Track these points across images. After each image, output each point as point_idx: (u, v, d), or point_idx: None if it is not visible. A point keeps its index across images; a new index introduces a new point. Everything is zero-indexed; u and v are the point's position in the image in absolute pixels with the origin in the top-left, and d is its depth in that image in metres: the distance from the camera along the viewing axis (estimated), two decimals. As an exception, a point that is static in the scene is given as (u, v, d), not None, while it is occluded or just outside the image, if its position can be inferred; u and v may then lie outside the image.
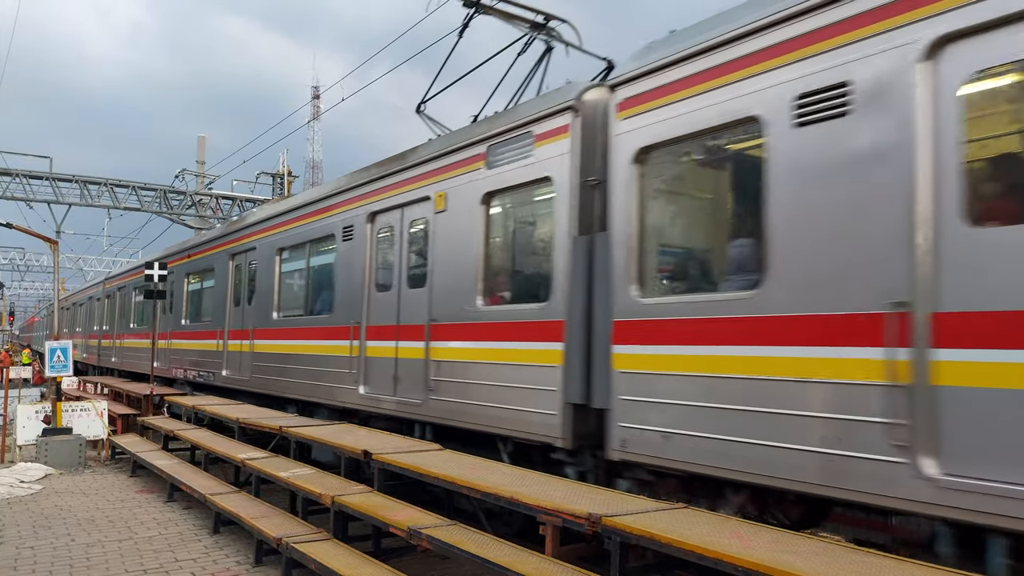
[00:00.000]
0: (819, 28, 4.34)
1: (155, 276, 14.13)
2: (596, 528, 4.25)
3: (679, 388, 4.95)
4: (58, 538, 7.60)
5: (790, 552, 3.61)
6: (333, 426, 8.47)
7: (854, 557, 3.58)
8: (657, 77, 5.33)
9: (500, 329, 6.60)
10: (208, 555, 7.04)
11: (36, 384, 31.26)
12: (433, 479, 5.70)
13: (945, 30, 3.78)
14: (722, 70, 4.88)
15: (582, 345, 5.79)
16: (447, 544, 4.89)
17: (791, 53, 4.48)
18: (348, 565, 5.37)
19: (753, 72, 4.68)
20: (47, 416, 12.36)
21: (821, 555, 3.58)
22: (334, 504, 6.17)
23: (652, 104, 5.35)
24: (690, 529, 4.02)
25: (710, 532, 3.97)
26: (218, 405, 11.15)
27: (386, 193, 8.55)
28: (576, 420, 5.78)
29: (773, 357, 4.43)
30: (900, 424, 3.82)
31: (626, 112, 5.55)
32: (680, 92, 5.15)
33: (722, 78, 4.87)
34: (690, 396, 4.88)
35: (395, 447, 6.81)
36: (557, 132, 6.17)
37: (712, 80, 4.94)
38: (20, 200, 24.91)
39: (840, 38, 4.24)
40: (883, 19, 4.07)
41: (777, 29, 4.56)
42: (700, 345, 4.86)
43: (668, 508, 4.58)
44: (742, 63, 4.76)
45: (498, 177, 6.80)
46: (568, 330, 5.86)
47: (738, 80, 4.77)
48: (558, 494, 4.89)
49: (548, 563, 4.47)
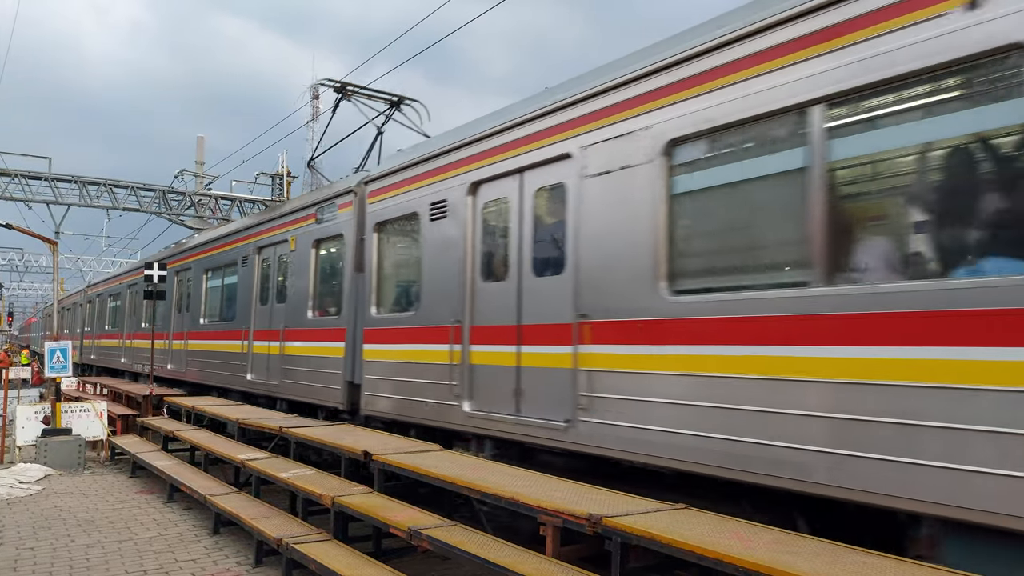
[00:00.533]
0: (441, 166, 7.55)
1: (154, 276, 14.13)
2: (597, 529, 4.25)
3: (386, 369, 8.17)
4: (58, 539, 7.60)
5: (791, 552, 3.61)
6: (333, 427, 8.46)
7: (855, 558, 3.58)
8: (378, 182, 8.67)
9: (320, 333, 9.72)
10: (208, 556, 7.04)
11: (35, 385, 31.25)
12: (433, 479, 5.70)
13: (475, 179, 6.97)
14: (403, 184, 8.17)
15: (352, 344, 8.85)
16: (447, 545, 4.89)
17: (427, 179, 7.74)
18: (348, 566, 5.38)
19: (418, 185, 7.88)
20: (46, 417, 12.35)
21: (822, 555, 3.58)
22: (334, 505, 6.17)
23: (379, 196, 8.65)
24: (690, 529, 4.02)
25: (710, 532, 3.97)
26: (217, 406, 11.14)
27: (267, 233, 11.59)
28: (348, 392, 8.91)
29: (428, 351, 7.51)
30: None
31: (371, 199, 8.80)
32: (388, 192, 8.48)
33: (402, 188, 8.18)
34: (388, 373, 8.11)
35: (395, 447, 6.81)
36: (346, 205, 9.31)
37: (400, 188, 8.25)
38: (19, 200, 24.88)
39: (446, 174, 7.45)
40: (456, 169, 7.31)
41: (427, 162, 7.76)
42: (394, 344, 8.09)
43: (669, 508, 4.58)
44: (412, 181, 8.01)
45: (322, 229, 9.90)
46: (348, 335, 8.93)
47: (410, 190, 8.02)
48: (559, 495, 4.89)
49: (549, 563, 4.47)
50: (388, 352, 8.17)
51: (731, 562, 3.53)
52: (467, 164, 7.18)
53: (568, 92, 6.05)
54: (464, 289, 7.07)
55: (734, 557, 3.53)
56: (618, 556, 4.20)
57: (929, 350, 3.68)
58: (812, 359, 4.14)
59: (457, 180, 7.26)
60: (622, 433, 5.24)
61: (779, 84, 4.44)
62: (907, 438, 3.72)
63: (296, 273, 10.37)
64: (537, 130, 6.31)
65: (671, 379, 4.94)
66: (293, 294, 10.45)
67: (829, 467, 4.00)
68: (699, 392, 4.72)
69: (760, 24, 4.57)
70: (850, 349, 3.98)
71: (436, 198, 7.53)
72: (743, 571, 3.47)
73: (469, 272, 7.05)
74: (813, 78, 4.27)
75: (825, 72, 4.20)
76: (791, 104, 4.37)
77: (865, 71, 4.02)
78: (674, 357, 4.93)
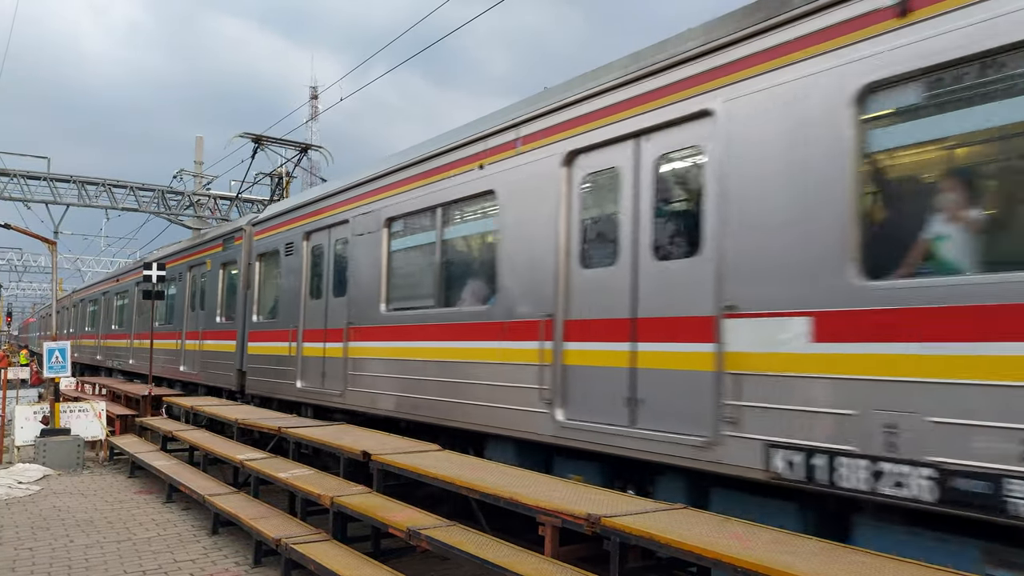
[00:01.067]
0: (291, 219, 11.07)
1: (153, 276, 14.15)
2: (595, 529, 4.25)
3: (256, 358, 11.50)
4: (56, 539, 7.60)
5: (789, 552, 3.61)
6: (332, 427, 8.47)
7: (853, 557, 3.59)
8: (260, 224, 12.02)
9: (224, 334, 13.07)
10: (207, 556, 7.04)
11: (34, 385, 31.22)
12: (432, 480, 5.70)
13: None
14: (271, 228, 11.59)
15: (241, 342, 12.16)
16: (446, 545, 4.89)
17: (282, 227, 11.30)
18: (347, 566, 5.38)
19: (278, 230, 11.33)
20: (45, 417, 12.35)
21: (820, 555, 3.59)
22: (333, 505, 6.17)
23: (262, 234, 11.88)
24: (689, 529, 4.03)
25: (709, 532, 3.97)
26: (216, 406, 11.15)
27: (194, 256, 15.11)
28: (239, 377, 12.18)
29: (280, 346, 10.79)
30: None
31: (256, 236, 12.08)
32: (264, 232, 11.80)
33: (270, 231, 11.59)
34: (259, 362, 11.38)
35: (394, 448, 6.81)
36: (239, 238, 12.68)
37: (269, 231, 11.60)
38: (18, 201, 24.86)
39: (293, 224, 10.87)
40: (297, 222, 10.76)
41: (280, 216, 11.46)
42: (266, 342, 11.34)
43: (667, 508, 4.58)
44: (274, 227, 11.45)
45: (226, 255, 13.12)
46: (238, 335, 12.22)
47: (273, 233, 11.51)
48: (557, 495, 4.89)
49: (547, 563, 4.47)
50: (261, 347, 11.42)
51: (729, 562, 3.54)
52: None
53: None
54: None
55: (732, 557, 3.53)
56: (617, 556, 4.20)
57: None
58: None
59: (299, 229, 10.41)
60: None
61: None
62: (472, 391, 6.65)
63: (209, 288, 13.77)
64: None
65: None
66: (208, 304, 13.81)
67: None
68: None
69: None
70: None
71: (288, 240, 10.76)
72: (741, 571, 3.48)
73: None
74: None
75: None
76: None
77: None
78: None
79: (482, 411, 6.59)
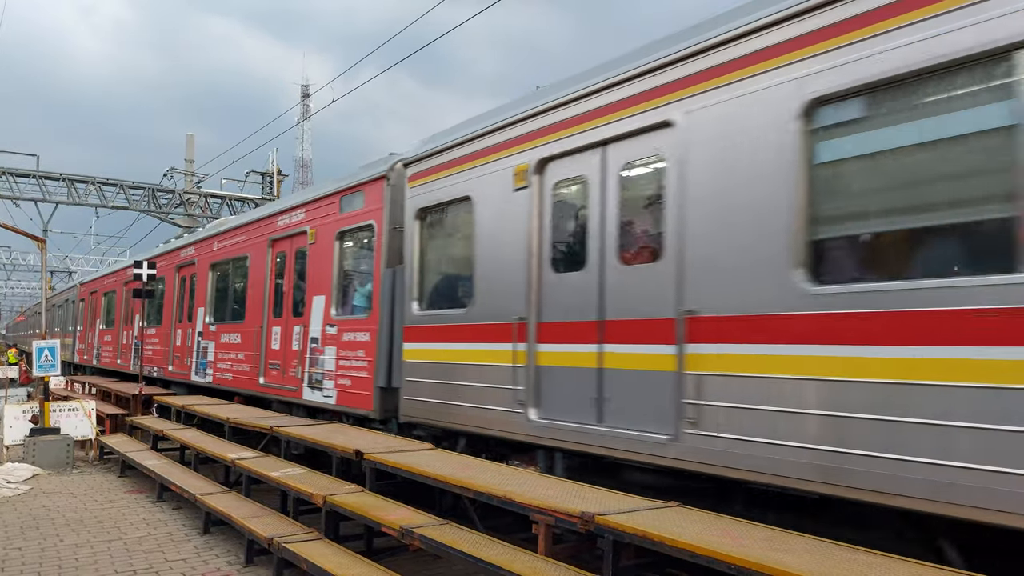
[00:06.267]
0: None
1: (143, 275, 14.10)
2: (589, 527, 4.25)
3: None
4: (46, 539, 7.55)
5: (782, 550, 3.62)
6: (324, 425, 8.44)
7: (846, 555, 3.60)
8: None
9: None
10: (198, 555, 7.01)
11: (23, 384, 31.02)
12: (425, 478, 5.70)
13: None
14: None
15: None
16: (439, 544, 4.88)
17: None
18: (340, 565, 5.36)
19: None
20: (35, 416, 12.27)
21: (813, 553, 3.60)
22: (326, 504, 6.15)
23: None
24: (682, 527, 4.03)
25: (703, 531, 3.98)
26: (208, 405, 11.09)
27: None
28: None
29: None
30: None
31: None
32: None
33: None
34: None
35: (386, 446, 6.80)
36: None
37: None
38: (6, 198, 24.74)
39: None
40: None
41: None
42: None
43: (661, 507, 4.59)
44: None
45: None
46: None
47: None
48: (551, 493, 4.89)
49: (541, 562, 4.47)
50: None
51: (723, 559, 3.54)
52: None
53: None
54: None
55: (726, 555, 3.54)
56: (610, 554, 4.21)
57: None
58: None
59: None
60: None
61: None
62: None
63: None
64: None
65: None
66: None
67: None
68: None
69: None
70: None
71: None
72: (735, 568, 3.48)
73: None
74: None
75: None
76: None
77: None
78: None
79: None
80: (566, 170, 5.92)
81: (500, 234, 6.48)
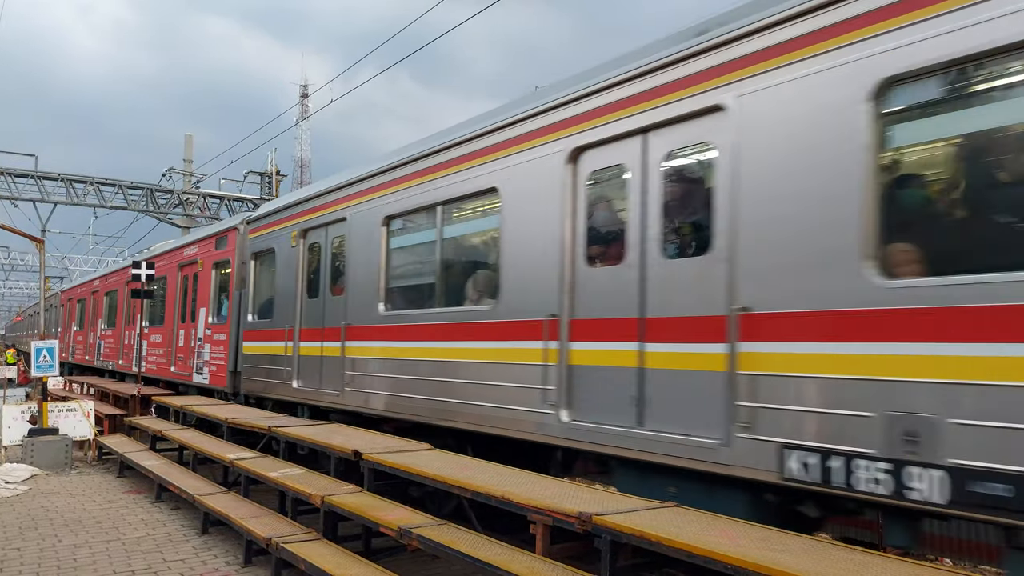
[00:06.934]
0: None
1: (142, 276, 14.10)
2: (587, 527, 4.26)
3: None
4: (45, 539, 7.55)
5: (779, 550, 3.63)
6: (322, 426, 8.45)
7: (843, 555, 3.61)
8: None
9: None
10: (197, 556, 7.01)
11: (21, 384, 31.00)
12: (423, 479, 5.70)
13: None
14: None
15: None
16: (437, 544, 4.89)
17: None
18: (338, 565, 5.36)
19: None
20: (33, 416, 12.25)
21: (810, 553, 3.61)
22: (324, 504, 6.16)
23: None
24: (680, 527, 4.04)
25: (700, 531, 3.99)
26: (206, 405, 11.10)
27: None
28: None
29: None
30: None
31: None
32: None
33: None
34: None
35: (385, 447, 6.81)
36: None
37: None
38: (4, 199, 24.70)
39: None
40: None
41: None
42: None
43: (658, 507, 4.60)
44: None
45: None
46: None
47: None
48: (549, 493, 4.90)
49: (539, 562, 4.48)
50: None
51: (720, 559, 3.55)
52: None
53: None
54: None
55: (723, 554, 3.55)
56: (608, 554, 4.21)
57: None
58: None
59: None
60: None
61: None
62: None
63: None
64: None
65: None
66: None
67: None
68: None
69: None
70: None
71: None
72: (732, 568, 3.49)
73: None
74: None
75: None
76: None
77: None
78: None
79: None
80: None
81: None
